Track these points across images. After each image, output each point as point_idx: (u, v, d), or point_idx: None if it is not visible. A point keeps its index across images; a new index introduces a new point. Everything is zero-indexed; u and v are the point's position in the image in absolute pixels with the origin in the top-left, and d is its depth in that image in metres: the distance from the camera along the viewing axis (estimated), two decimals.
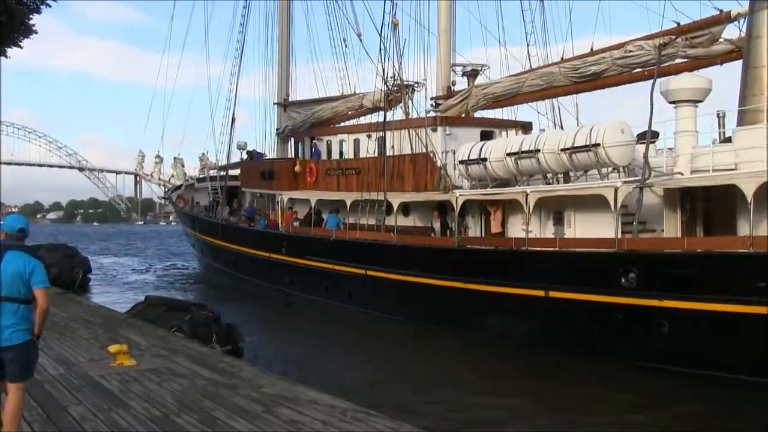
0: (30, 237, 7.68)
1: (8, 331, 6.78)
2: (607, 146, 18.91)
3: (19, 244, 7.10)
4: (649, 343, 16.75)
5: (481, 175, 23.06)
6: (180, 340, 14.42)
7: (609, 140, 18.93)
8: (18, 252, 6.97)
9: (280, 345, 21.57)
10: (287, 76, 42.21)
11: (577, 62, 24.45)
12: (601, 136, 19.02)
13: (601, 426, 13.07)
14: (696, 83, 19.02)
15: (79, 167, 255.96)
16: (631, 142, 19.28)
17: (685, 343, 16.20)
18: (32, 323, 6.94)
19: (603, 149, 18.96)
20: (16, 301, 6.82)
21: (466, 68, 30.29)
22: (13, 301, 6.81)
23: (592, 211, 19.61)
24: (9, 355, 6.76)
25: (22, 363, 6.91)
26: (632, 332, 17.10)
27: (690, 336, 16.12)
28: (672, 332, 16.32)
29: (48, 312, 7.07)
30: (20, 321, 6.85)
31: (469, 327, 21.14)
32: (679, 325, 16.20)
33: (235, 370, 11.50)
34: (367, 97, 32.78)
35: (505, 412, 14.02)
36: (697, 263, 16.17)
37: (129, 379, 10.60)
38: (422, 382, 16.49)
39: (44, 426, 8.18)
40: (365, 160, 29.18)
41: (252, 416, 8.64)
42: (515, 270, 20.11)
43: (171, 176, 49.85)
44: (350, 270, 26.63)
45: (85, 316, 17.77)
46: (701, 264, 16.12)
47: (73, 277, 33.68)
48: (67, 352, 12.98)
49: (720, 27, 20.78)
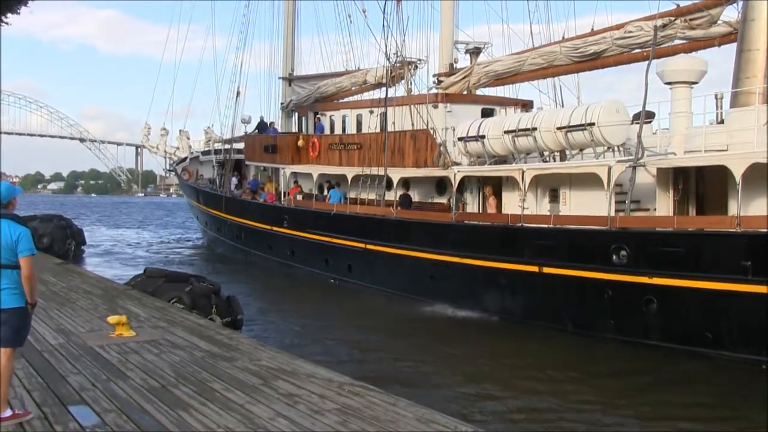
0: (33, 207, 7.72)
1: (4, 293, 6.94)
2: (601, 126, 19.19)
3: (7, 213, 7.15)
4: (639, 320, 17.15)
5: (479, 152, 23.34)
6: (179, 311, 14.45)
7: (604, 120, 19.20)
8: (5, 220, 7.05)
9: (280, 317, 21.92)
10: (292, 50, 42.35)
11: (577, 42, 24.69)
12: (596, 116, 19.30)
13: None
14: (691, 65, 19.28)
15: (80, 138, 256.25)
16: (626, 121, 19.56)
17: (673, 320, 16.59)
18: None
19: (598, 128, 19.25)
20: (9, 267, 6.97)
21: (469, 46, 30.45)
22: (6, 268, 6.96)
23: (587, 189, 19.88)
24: (3, 317, 6.93)
25: (14, 327, 7.02)
26: (622, 308, 17.50)
27: (678, 313, 16.50)
28: (661, 309, 16.71)
29: (32, 279, 7.12)
30: (17, 286, 6.99)
31: (465, 302, 21.58)
32: (668, 302, 16.59)
33: (233, 343, 11.50)
34: (371, 73, 32.96)
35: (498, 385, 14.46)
36: (686, 242, 16.49)
37: (128, 350, 10.64)
38: (415, 355, 16.86)
39: (44, 394, 8.24)
40: (367, 135, 29.46)
41: (250, 388, 8.68)
42: (511, 246, 20.50)
43: (176, 149, 50.05)
44: (350, 243, 27.04)
45: (85, 287, 17.81)
46: (689, 243, 16.44)
47: (65, 248, 33.30)
48: (67, 322, 13.03)
49: (719, 9, 20.96)
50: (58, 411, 7.66)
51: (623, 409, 13.01)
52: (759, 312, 15.02)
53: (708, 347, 15.86)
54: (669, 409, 12.96)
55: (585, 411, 12.93)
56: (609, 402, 13.36)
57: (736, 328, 15.64)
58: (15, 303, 7.01)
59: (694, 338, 16.12)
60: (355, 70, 36.13)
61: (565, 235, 19.14)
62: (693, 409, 13.02)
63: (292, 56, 42.32)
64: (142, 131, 51.95)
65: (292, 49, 42.30)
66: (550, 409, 12.96)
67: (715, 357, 15.66)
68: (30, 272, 7.06)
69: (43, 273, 19.52)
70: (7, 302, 6.96)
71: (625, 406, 13.12)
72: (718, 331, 15.86)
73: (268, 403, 8.08)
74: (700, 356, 15.85)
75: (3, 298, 6.95)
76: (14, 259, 7.00)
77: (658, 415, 12.67)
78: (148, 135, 51.65)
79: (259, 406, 7.96)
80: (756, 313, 15.11)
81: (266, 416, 7.61)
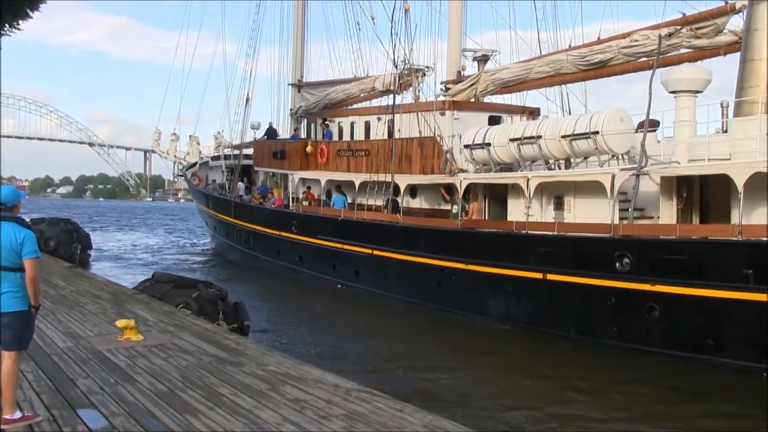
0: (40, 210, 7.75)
1: (6, 296, 6.97)
2: (605, 134, 19.39)
3: (11, 215, 7.17)
4: (641, 327, 17.30)
5: (485, 160, 23.54)
6: (186, 316, 14.50)
7: (607, 128, 19.40)
8: (10, 223, 7.09)
9: (287, 323, 22.05)
10: (302, 57, 42.57)
11: (584, 50, 24.84)
12: (600, 124, 19.50)
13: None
14: (695, 74, 19.41)
15: (89, 142, 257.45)
16: (630, 130, 19.73)
17: (675, 327, 16.73)
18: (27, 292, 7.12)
19: (602, 137, 19.45)
20: (11, 270, 7.00)
21: (477, 53, 30.58)
22: (8, 270, 6.98)
23: (591, 196, 20.02)
24: (4, 321, 6.95)
25: (17, 331, 7.04)
26: (624, 315, 17.66)
27: (680, 320, 16.65)
28: (663, 316, 16.85)
29: (36, 281, 7.13)
30: (19, 289, 7.02)
31: (471, 308, 21.76)
32: (670, 309, 16.74)
33: (241, 348, 11.54)
34: (379, 80, 33.09)
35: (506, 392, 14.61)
36: (688, 250, 16.63)
37: (136, 354, 10.70)
38: (423, 362, 16.97)
39: (52, 397, 8.29)
40: (375, 142, 29.68)
41: (257, 393, 8.72)
42: (515, 252, 20.67)
43: (186, 154, 50.33)
44: (357, 249, 27.25)
45: (94, 291, 17.84)
46: (691, 251, 16.58)
47: (71, 251, 32.84)
48: (76, 325, 13.11)
49: (724, 18, 21.10)
50: (67, 414, 7.72)
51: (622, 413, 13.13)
52: (759, 320, 15.16)
53: (709, 354, 15.99)
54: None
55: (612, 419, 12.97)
56: (626, 410, 13.46)
57: (737, 336, 15.77)
58: (17, 306, 7.04)
59: (695, 345, 16.25)
60: (363, 77, 36.32)
61: (569, 243, 19.28)
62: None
63: (301, 63, 42.54)
64: (153, 136, 52.26)
65: (301, 56, 42.52)
66: (557, 418, 12.99)
67: (717, 364, 15.80)
68: (34, 274, 7.09)
69: (51, 276, 19.70)
70: (10, 305, 7.00)
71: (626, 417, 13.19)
72: (719, 339, 16.00)
73: (275, 408, 8.13)
74: (702, 363, 15.98)
75: (5, 302, 6.99)
76: (18, 262, 7.03)
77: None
78: (159, 140, 51.96)
79: (266, 411, 8.01)
80: (756, 321, 15.25)
81: (273, 421, 7.65)
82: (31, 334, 7.40)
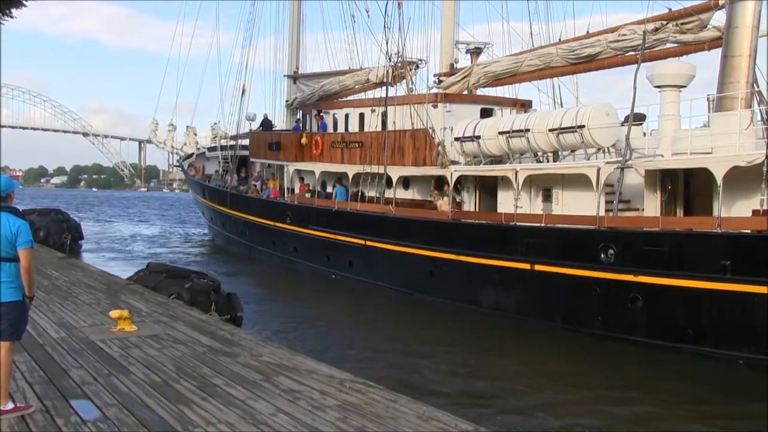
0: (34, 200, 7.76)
1: (2, 286, 6.98)
2: (591, 128, 19.79)
3: (6, 205, 7.17)
4: (625, 316, 17.75)
5: (475, 152, 23.90)
6: (180, 307, 14.46)
7: (593, 122, 19.80)
8: (4, 213, 7.09)
9: (281, 313, 22.28)
10: (298, 48, 42.80)
11: (573, 44, 25.24)
12: (586, 118, 19.89)
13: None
14: (679, 69, 19.86)
15: (83, 132, 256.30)
16: (615, 124, 20.13)
17: (657, 316, 17.19)
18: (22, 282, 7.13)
19: (587, 131, 19.85)
20: (6, 260, 7.01)
21: (470, 46, 30.92)
22: (3, 260, 6.99)
23: (578, 188, 20.39)
24: (0, 310, 6.98)
25: (12, 321, 7.05)
26: (609, 305, 18.10)
27: (662, 310, 17.09)
28: (646, 306, 17.31)
29: (31, 271, 7.15)
30: (14, 279, 7.04)
31: (461, 298, 22.22)
32: (653, 299, 17.19)
33: (235, 338, 11.49)
34: (373, 73, 33.37)
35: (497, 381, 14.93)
36: (669, 241, 17.08)
37: (129, 345, 10.66)
38: (416, 352, 17.21)
39: (45, 388, 8.28)
40: (368, 134, 30.00)
41: (251, 384, 8.71)
42: (504, 244, 21.11)
43: (183, 144, 50.57)
44: (350, 240, 27.66)
45: (87, 281, 17.85)
46: (673, 242, 17.02)
47: (61, 242, 32.60)
48: (69, 316, 13.04)
49: (709, 14, 21.54)
50: (60, 404, 7.73)
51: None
52: (737, 310, 15.65)
53: (690, 343, 16.45)
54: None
55: (601, 407, 13.26)
56: (620, 397, 13.92)
57: (716, 325, 16.24)
58: (13, 296, 7.04)
59: (676, 334, 16.72)
60: (358, 69, 36.60)
61: (556, 234, 19.72)
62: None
63: (297, 54, 42.73)
64: (150, 127, 52.45)
65: (297, 48, 42.73)
66: (549, 406, 13.22)
67: (697, 353, 16.26)
68: (29, 264, 7.11)
69: (45, 267, 19.71)
70: (5, 296, 7.00)
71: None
72: (699, 328, 16.46)
73: (269, 399, 8.14)
74: (683, 352, 16.45)
75: (1, 292, 6.99)
76: (12, 252, 7.03)
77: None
78: (156, 130, 52.15)
79: (260, 402, 8.03)
80: (734, 311, 15.74)
81: (267, 412, 7.67)
82: (25, 325, 7.41)
